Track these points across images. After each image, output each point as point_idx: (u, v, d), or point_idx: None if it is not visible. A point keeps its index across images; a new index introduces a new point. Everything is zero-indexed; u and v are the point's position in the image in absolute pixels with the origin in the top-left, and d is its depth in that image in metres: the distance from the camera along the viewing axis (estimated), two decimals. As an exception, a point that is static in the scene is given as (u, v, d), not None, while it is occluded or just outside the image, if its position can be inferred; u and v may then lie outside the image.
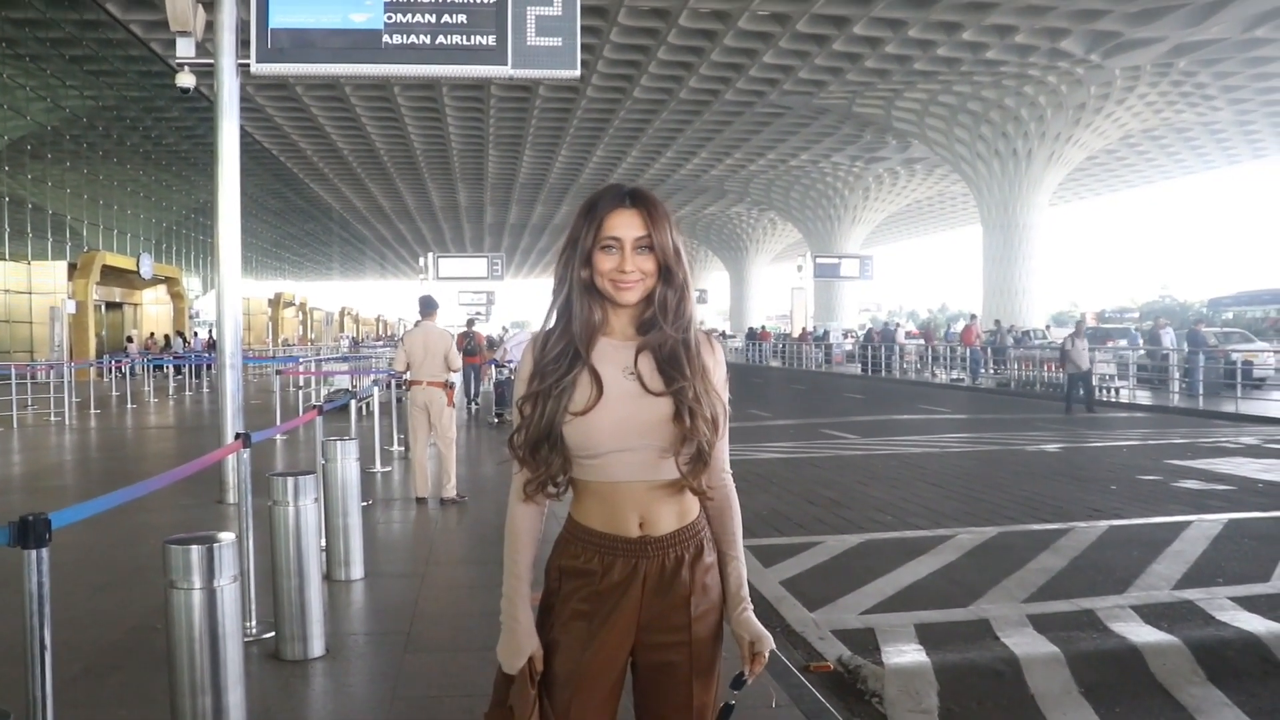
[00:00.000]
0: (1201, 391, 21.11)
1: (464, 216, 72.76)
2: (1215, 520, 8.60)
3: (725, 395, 2.16)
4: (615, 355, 2.10)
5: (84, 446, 14.89)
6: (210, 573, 3.14)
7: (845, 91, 37.02)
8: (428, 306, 9.80)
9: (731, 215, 69.66)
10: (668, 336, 2.09)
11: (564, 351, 2.08)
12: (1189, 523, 8.48)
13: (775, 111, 40.56)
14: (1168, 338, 24.98)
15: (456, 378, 9.57)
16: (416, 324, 10.14)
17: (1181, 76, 34.18)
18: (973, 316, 35.07)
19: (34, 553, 2.62)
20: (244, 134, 11.95)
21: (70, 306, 31.26)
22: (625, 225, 2.06)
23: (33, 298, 32.14)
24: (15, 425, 17.03)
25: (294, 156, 52.26)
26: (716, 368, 2.15)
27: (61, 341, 30.21)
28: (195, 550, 3.14)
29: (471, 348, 25.07)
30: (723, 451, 2.19)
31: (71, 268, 33.35)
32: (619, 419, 2.04)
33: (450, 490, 9.27)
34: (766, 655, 2.11)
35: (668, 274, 2.09)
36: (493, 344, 26.12)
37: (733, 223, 71.59)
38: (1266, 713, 4.42)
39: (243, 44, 8.91)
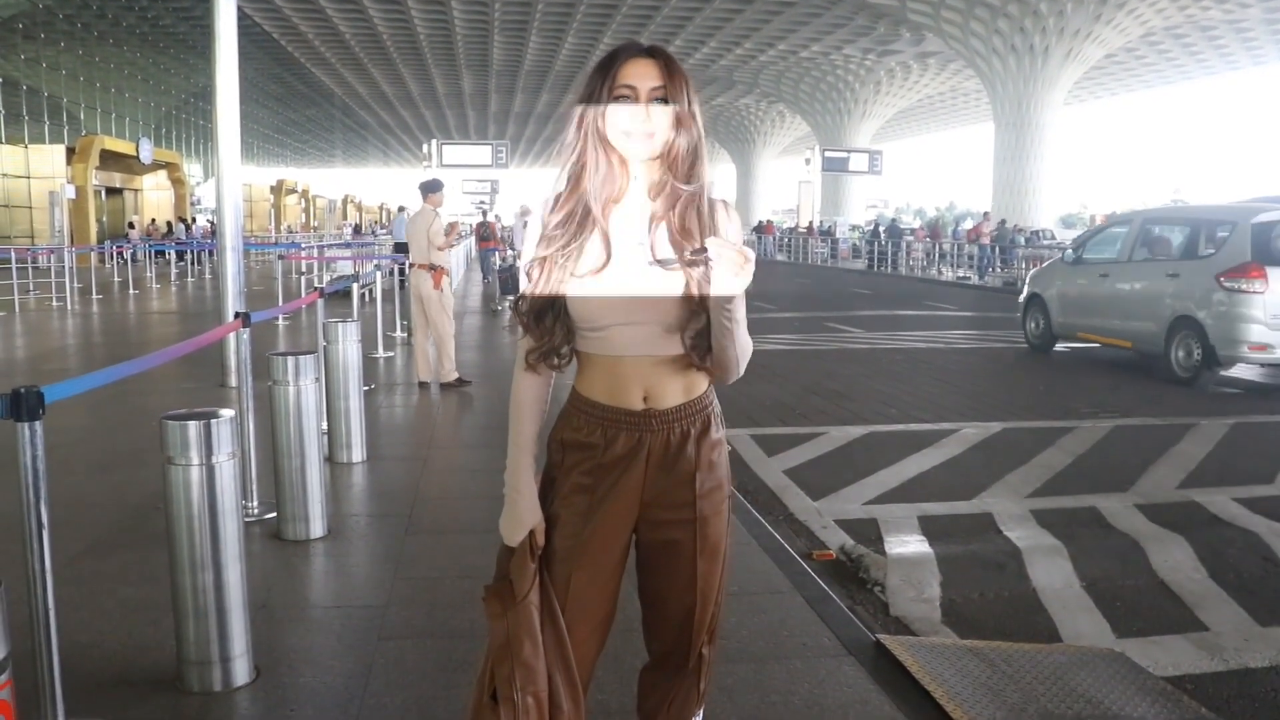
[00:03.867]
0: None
1: (468, 104, 71.65)
2: (1220, 423, 8.57)
3: None
4: (627, 223, 1.99)
5: (86, 331, 14.86)
6: (208, 448, 3.10)
7: (860, -20, 36.06)
8: (423, 189, 9.68)
9: (740, 107, 68.53)
10: (679, 195, 1.96)
11: (572, 213, 1.98)
12: (1194, 424, 8.45)
13: (787, 1, 39.57)
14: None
15: (445, 259, 9.50)
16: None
17: (1209, -31, 33.22)
18: (984, 215, 34.74)
19: (27, 426, 2.57)
20: (244, 17, 11.63)
21: (69, 191, 30.93)
22: (641, 74, 1.94)
23: (31, 182, 31.81)
24: (17, 310, 16.97)
25: (295, 40, 51.19)
26: (735, 240, 1.99)
27: (62, 227, 29.98)
28: (192, 426, 3.09)
29: (486, 234, 25.03)
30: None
31: (70, 152, 32.91)
32: (626, 290, 1.95)
33: (448, 374, 9.24)
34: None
35: (682, 129, 1.96)
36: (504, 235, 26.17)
37: (741, 115, 70.47)
38: (1267, 609, 4.42)
39: (239, -87, 8.59)
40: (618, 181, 2.00)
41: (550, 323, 1.99)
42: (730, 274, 1.81)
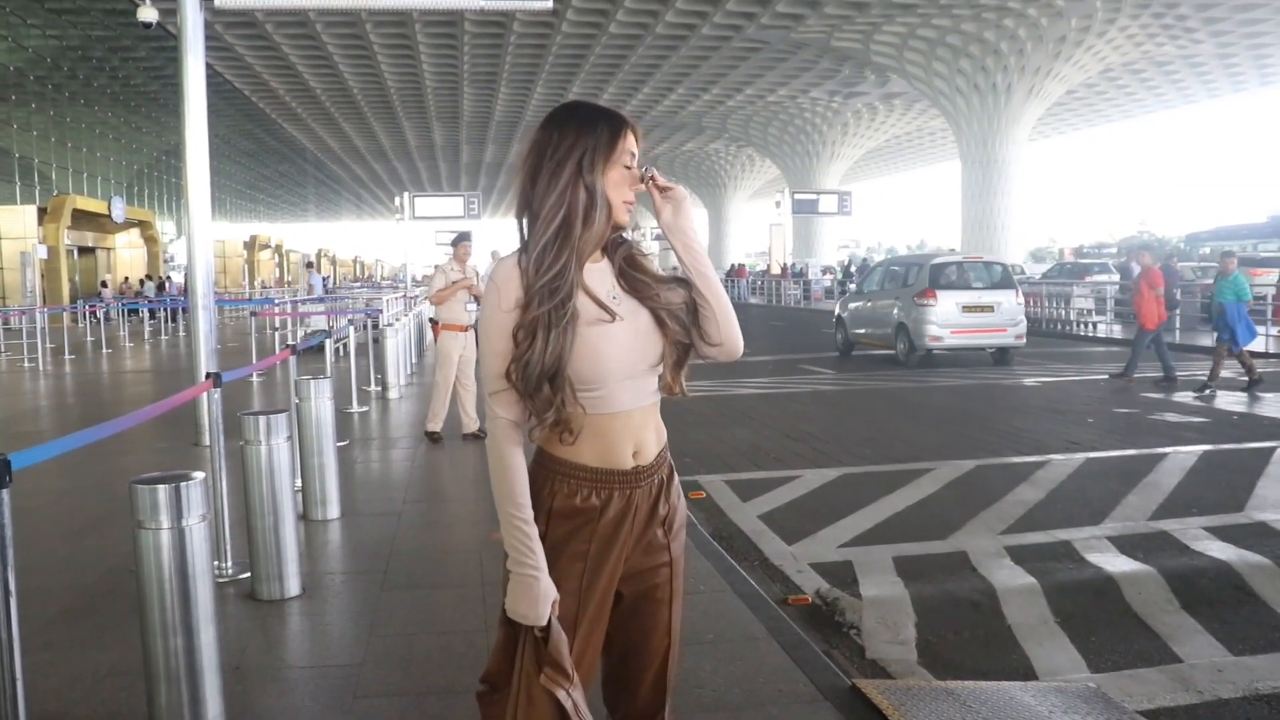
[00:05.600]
0: (1178, 325, 21.20)
1: (440, 156, 71.95)
2: (1190, 452, 8.67)
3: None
4: (600, 278, 2.02)
5: (58, 392, 14.75)
6: (178, 512, 3.09)
7: (824, 25, 36.56)
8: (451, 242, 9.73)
9: (709, 152, 69.10)
10: (630, 248, 2.09)
11: (563, 270, 1.92)
12: (1165, 455, 8.54)
13: (753, 46, 40.05)
14: (1136, 271, 25.16)
15: (447, 313, 9.31)
16: None
17: (1163, 8, 33.88)
18: (951, 251, 35.05)
19: (-6, 494, 2.56)
20: (213, 73, 11.68)
21: (41, 251, 30.77)
22: (633, 145, 2.03)
23: (2, 243, 31.63)
24: (-12, 371, 16.85)
25: (266, 96, 51.38)
26: (647, 255, 2.14)
27: (34, 287, 29.80)
28: (162, 490, 3.09)
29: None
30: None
31: (41, 212, 32.77)
32: (625, 344, 1.98)
33: (432, 424, 9.17)
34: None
35: None
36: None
37: (711, 159, 71.04)
38: (1239, 639, 4.46)
39: (206, -24, 8.68)
40: (602, 237, 2.01)
41: (550, 391, 1.90)
42: (663, 202, 2.03)
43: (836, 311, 19.93)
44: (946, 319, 16.05)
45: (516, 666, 1.95)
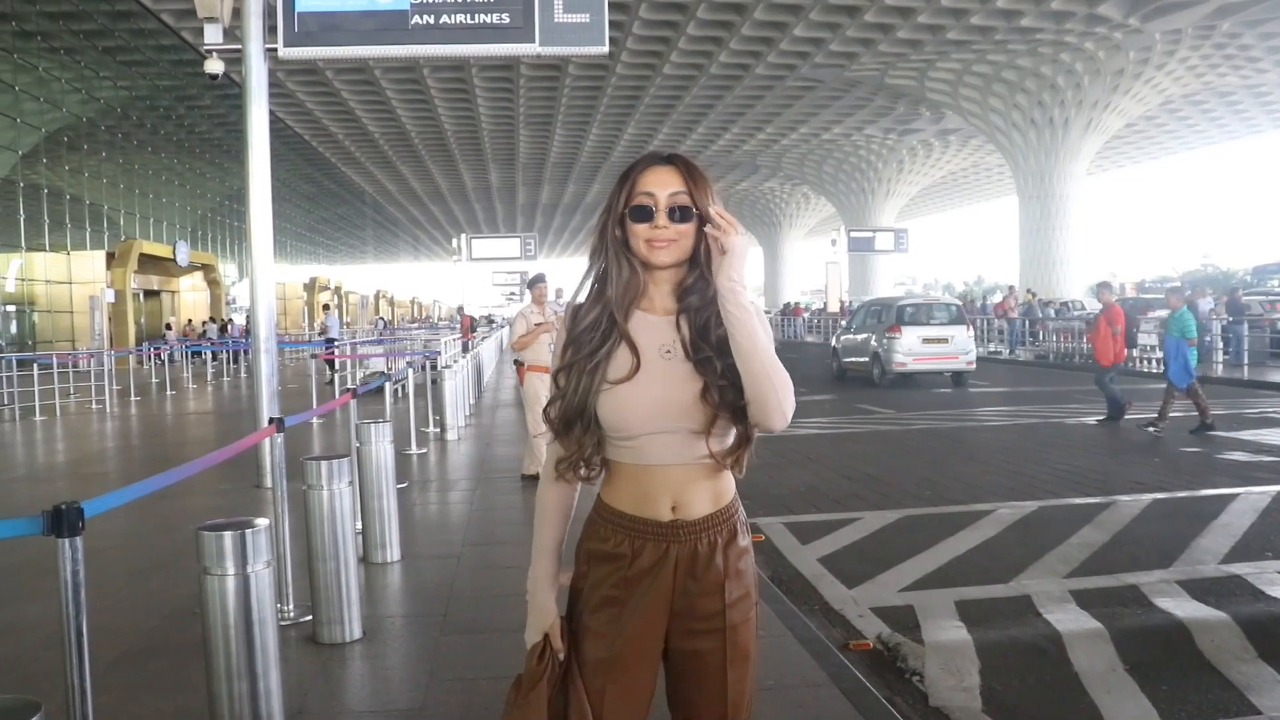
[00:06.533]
0: (1246, 360, 20.76)
1: (496, 197, 72.86)
2: (1263, 493, 8.45)
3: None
4: (652, 330, 2.01)
5: (124, 433, 15.06)
6: (244, 558, 3.13)
7: (878, 63, 36.60)
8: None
9: (764, 190, 69.26)
10: (708, 297, 1.97)
11: (596, 321, 2.01)
12: (1235, 495, 8.34)
13: (807, 85, 40.20)
14: (1205, 306, 24.68)
15: (532, 355, 9.25)
16: None
17: (1225, 39, 33.48)
18: (1010, 288, 34.68)
19: (67, 541, 2.61)
20: (275, 119, 11.97)
21: (109, 295, 31.59)
22: (660, 181, 1.97)
23: (73, 287, 32.52)
24: (58, 413, 17.26)
25: (326, 141, 52.49)
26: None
27: (101, 330, 30.56)
28: (229, 536, 3.12)
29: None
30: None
31: (110, 257, 33.67)
32: (655, 398, 1.96)
33: (533, 467, 9.12)
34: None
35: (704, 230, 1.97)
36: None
37: (766, 198, 71.19)
38: (1319, 688, 4.32)
39: (270, 29, 8.91)
40: (640, 288, 2.02)
41: (579, 432, 2.00)
42: (716, 249, 1.91)
43: (833, 344, 24.39)
44: (910, 349, 19.93)
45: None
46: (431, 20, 8.75)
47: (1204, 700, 4.27)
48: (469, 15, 8.74)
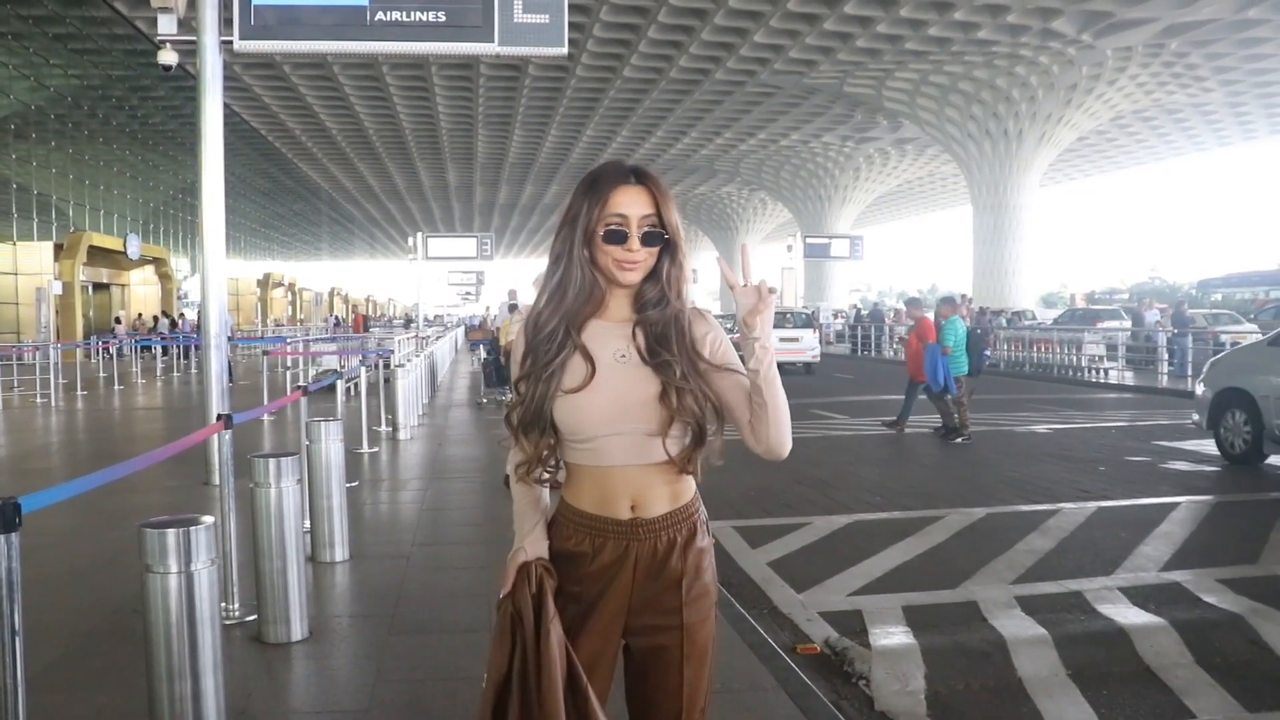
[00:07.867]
0: (1190, 373, 21.13)
1: (453, 196, 72.52)
2: (1203, 501, 8.61)
3: (734, 357, 2.09)
4: (607, 337, 2.06)
5: (69, 428, 14.80)
6: (187, 556, 3.08)
7: (836, 71, 36.89)
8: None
9: (722, 195, 69.51)
10: (667, 313, 2.05)
11: (554, 331, 2.05)
12: (1177, 504, 8.49)
13: (766, 91, 40.41)
14: (1150, 318, 25.22)
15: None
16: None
17: (1173, 57, 34.13)
18: (963, 297, 35.02)
19: (2, 537, 2.56)
20: (231, 113, 11.82)
21: (57, 287, 31.09)
22: (632, 202, 2.01)
23: (19, 278, 31.92)
24: (1, 407, 16.92)
25: (282, 136, 51.95)
26: (710, 332, 2.08)
27: (48, 322, 30.04)
28: (171, 534, 3.08)
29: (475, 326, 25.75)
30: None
31: (58, 248, 33.11)
32: (609, 402, 2.01)
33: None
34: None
35: (673, 250, 2.05)
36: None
37: (723, 203, 71.45)
38: (1253, 694, 4.40)
39: (226, 21, 8.77)
40: (600, 300, 2.07)
41: (537, 436, 2.05)
42: (749, 308, 1.92)
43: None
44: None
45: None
46: (390, 17, 8.68)
47: (1142, 705, 4.34)
48: (429, 13, 8.69)
